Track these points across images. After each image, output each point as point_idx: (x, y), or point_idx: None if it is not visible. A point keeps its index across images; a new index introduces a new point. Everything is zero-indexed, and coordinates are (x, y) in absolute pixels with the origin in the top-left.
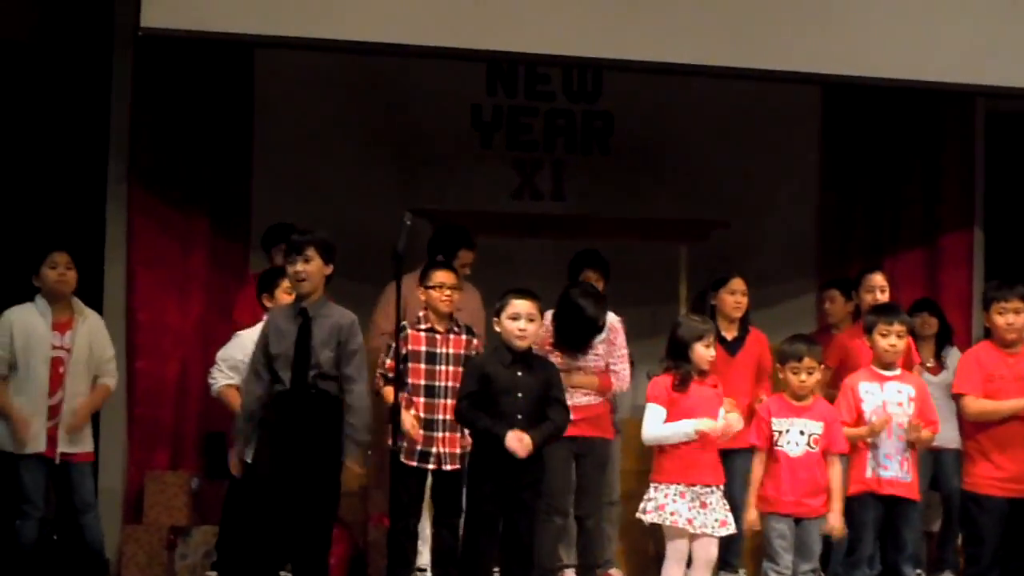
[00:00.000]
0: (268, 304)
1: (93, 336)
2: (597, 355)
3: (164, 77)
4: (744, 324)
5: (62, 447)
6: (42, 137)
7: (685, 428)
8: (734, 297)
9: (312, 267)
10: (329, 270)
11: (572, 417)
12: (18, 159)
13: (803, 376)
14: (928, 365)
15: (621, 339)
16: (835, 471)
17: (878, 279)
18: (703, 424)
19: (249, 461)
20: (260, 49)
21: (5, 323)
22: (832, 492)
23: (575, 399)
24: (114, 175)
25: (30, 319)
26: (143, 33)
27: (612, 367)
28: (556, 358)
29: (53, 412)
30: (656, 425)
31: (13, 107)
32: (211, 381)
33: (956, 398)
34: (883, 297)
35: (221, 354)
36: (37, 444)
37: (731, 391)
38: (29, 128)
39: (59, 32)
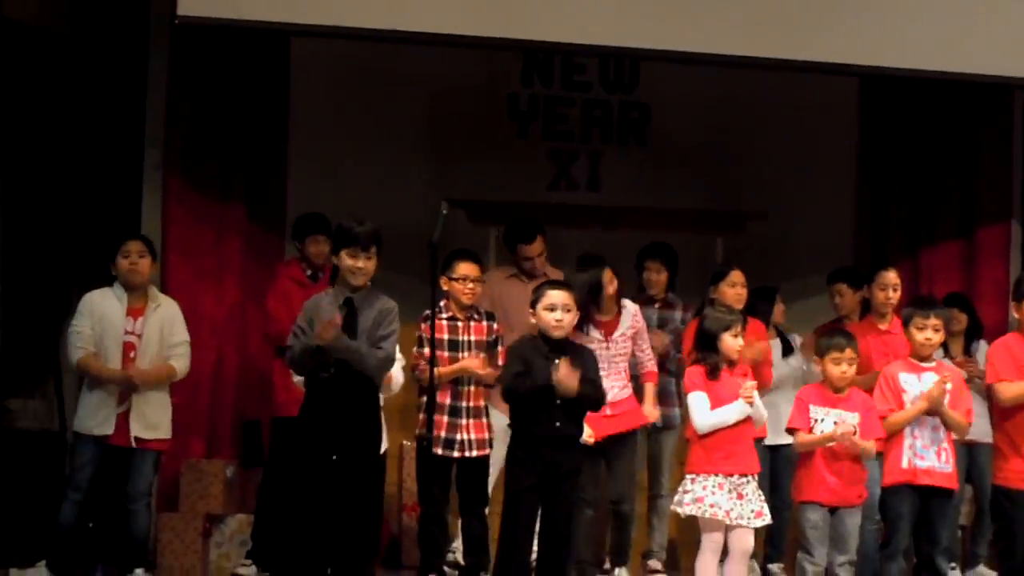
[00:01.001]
0: None
1: (165, 322)
2: (627, 341)
3: (200, 66)
4: (743, 314)
5: (140, 432)
6: (79, 125)
7: (737, 407)
8: (735, 290)
9: (372, 264)
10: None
11: (608, 412)
12: (55, 148)
13: (844, 367)
14: (957, 360)
15: (644, 325)
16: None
17: (891, 277)
18: (747, 386)
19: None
20: (296, 38)
21: (86, 304)
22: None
23: (610, 396)
24: (150, 163)
25: (107, 303)
26: (179, 21)
27: (642, 353)
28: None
29: (122, 397)
30: (707, 412)
31: (50, 96)
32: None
33: (990, 388)
34: (895, 295)
35: None
36: (105, 428)
37: None
38: (66, 116)
39: (95, 20)
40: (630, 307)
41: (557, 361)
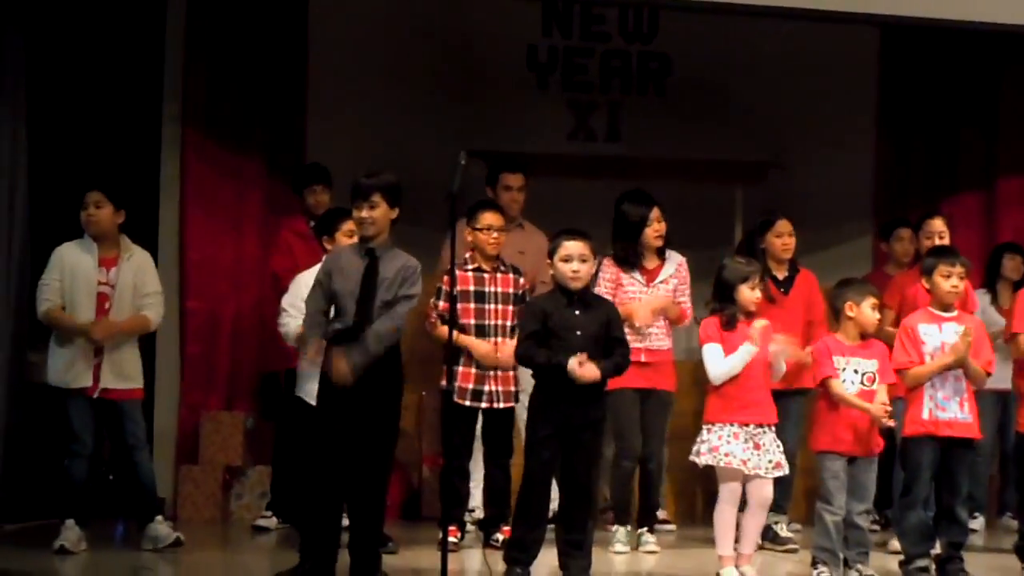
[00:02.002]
0: (328, 247)
1: (138, 273)
2: (667, 289)
3: (218, 17)
4: (794, 264)
5: (110, 383)
6: (97, 78)
7: (745, 349)
8: (781, 239)
9: (377, 213)
10: (394, 214)
11: (643, 359)
12: (73, 101)
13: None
14: (1007, 308)
15: (688, 277)
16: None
17: (938, 224)
18: (757, 326)
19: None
20: None
21: (56, 257)
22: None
23: (648, 342)
24: (168, 116)
25: (77, 254)
26: None
27: (683, 304)
28: (630, 286)
29: (99, 348)
30: (720, 361)
31: (68, 48)
32: (283, 328)
33: (1011, 339)
34: (943, 243)
35: (286, 300)
36: (83, 380)
37: (784, 328)
38: (84, 69)
39: None
40: (675, 257)
41: (574, 358)
